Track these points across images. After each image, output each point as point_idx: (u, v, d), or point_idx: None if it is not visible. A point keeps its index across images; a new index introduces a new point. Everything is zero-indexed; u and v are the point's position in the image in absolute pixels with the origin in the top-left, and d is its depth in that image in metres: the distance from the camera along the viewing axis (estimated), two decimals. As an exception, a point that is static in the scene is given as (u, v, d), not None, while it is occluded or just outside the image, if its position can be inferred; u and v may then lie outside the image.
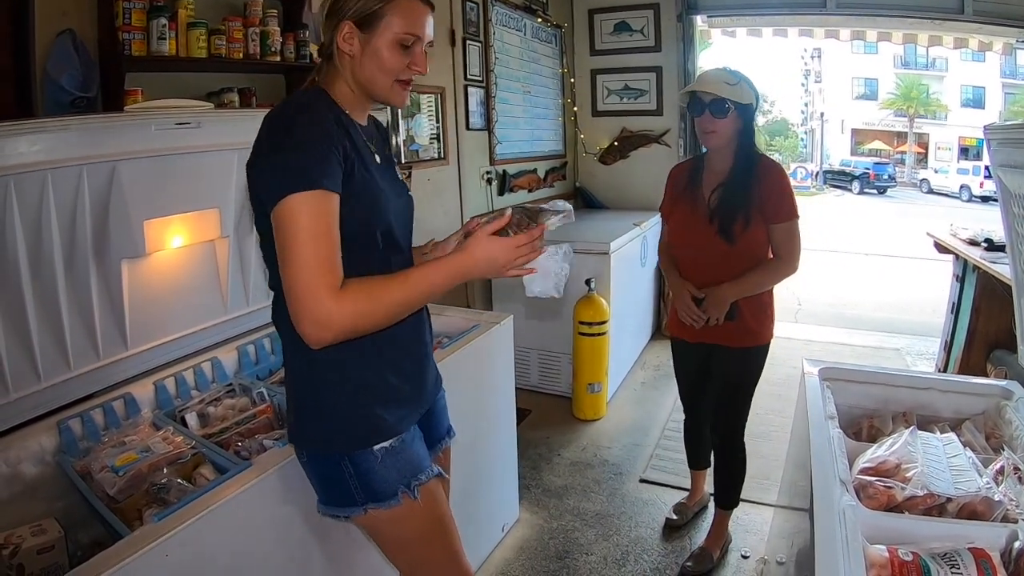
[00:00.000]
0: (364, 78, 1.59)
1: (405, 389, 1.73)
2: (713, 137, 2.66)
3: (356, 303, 1.39)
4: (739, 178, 2.69)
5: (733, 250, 2.69)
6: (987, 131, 2.34)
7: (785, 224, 2.70)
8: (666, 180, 3.07)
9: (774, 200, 2.68)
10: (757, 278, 2.75)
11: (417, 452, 1.74)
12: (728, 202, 2.69)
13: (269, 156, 1.44)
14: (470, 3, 5.01)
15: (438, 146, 4.70)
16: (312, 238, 1.37)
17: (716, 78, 2.64)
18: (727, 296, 2.73)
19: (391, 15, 1.53)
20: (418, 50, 1.60)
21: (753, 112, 2.70)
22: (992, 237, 4.21)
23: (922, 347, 6.27)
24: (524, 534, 3.38)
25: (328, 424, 1.64)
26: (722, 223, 2.68)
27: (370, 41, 1.54)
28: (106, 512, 1.78)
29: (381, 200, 1.59)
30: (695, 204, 2.81)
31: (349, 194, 1.48)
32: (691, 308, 2.81)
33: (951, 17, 5.70)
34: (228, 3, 2.86)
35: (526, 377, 5.13)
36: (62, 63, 2.26)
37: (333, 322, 1.37)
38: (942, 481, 1.71)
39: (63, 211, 1.99)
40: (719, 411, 3.07)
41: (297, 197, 1.37)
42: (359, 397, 1.64)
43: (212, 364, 2.60)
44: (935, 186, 29.41)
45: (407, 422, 1.73)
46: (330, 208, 1.41)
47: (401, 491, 1.67)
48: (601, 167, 7.01)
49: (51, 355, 2.10)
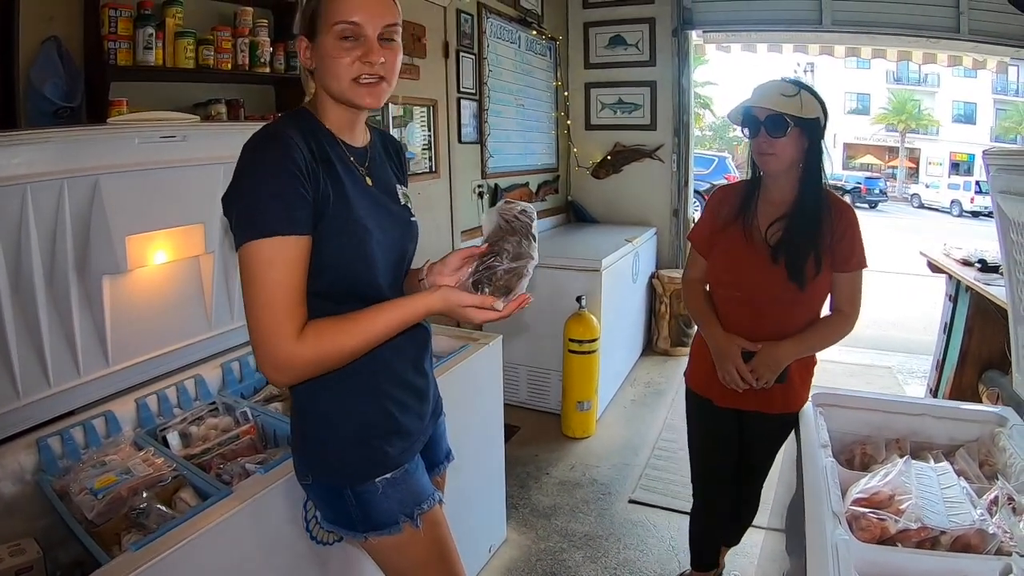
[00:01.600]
0: (325, 85, 1.52)
1: (406, 421, 1.70)
2: (772, 160, 2.25)
3: (315, 348, 1.38)
4: (807, 212, 2.28)
5: (799, 298, 2.29)
6: (986, 157, 2.32)
7: (854, 274, 2.32)
8: (703, 206, 2.63)
9: (847, 243, 2.28)
10: (821, 336, 2.37)
11: (419, 481, 1.73)
12: (795, 240, 2.27)
13: (232, 198, 1.41)
14: (464, 15, 4.99)
15: (430, 159, 4.66)
16: (270, 285, 1.35)
17: (772, 90, 2.23)
18: (786, 356, 2.32)
19: (325, 7, 1.45)
20: (367, 43, 1.47)
21: (821, 129, 2.28)
22: (986, 258, 4.18)
23: (914, 365, 6.26)
24: (511, 555, 3.34)
25: (331, 456, 1.63)
26: (790, 264, 2.26)
27: (318, 48, 1.49)
28: (84, 536, 1.74)
29: (359, 232, 1.53)
30: (748, 239, 2.37)
31: (324, 227, 1.45)
32: (741, 368, 2.34)
33: (947, 35, 5.72)
34: (217, 12, 2.81)
35: (515, 393, 5.10)
36: (46, 71, 2.21)
37: (293, 366, 1.38)
38: (936, 513, 1.70)
39: (43, 226, 1.94)
40: (744, 477, 2.71)
41: (253, 245, 1.35)
42: (361, 431, 1.63)
43: (195, 381, 2.55)
44: (926, 201, 29.51)
45: (409, 453, 1.71)
46: (288, 253, 1.37)
47: (403, 520, 1.65)
48: (593, 181, 7.02)
49: (31, 372, 2.05)
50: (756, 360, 2.33)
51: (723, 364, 2.39)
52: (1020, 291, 2.28)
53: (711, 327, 2.48)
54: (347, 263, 1.52)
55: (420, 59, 4.40)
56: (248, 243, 1.35)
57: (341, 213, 1.49)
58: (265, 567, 1.83)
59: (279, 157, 1.39)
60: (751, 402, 2.45)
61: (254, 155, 1.41)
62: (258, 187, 1.37)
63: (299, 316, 1.38)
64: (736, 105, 2.36)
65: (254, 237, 1.35)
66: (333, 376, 1.51)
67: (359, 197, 1.56)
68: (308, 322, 1.40)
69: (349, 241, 1.51)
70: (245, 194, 1.38)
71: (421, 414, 1.78)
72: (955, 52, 6.18)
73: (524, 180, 6.13)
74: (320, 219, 1.44)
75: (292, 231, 1.37)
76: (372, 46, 1.47)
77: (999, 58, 6.12)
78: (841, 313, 2.36)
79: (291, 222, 1.37)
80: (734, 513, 2.81)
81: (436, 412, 1.93)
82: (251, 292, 1.36)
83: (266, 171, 1.38)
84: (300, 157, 1.41)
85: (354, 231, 1.51)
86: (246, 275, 1.36)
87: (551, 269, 4.86)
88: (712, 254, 2.50)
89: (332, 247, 1.47)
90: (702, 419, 2.67)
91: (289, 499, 1.83)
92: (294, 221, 1.37)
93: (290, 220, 1.37)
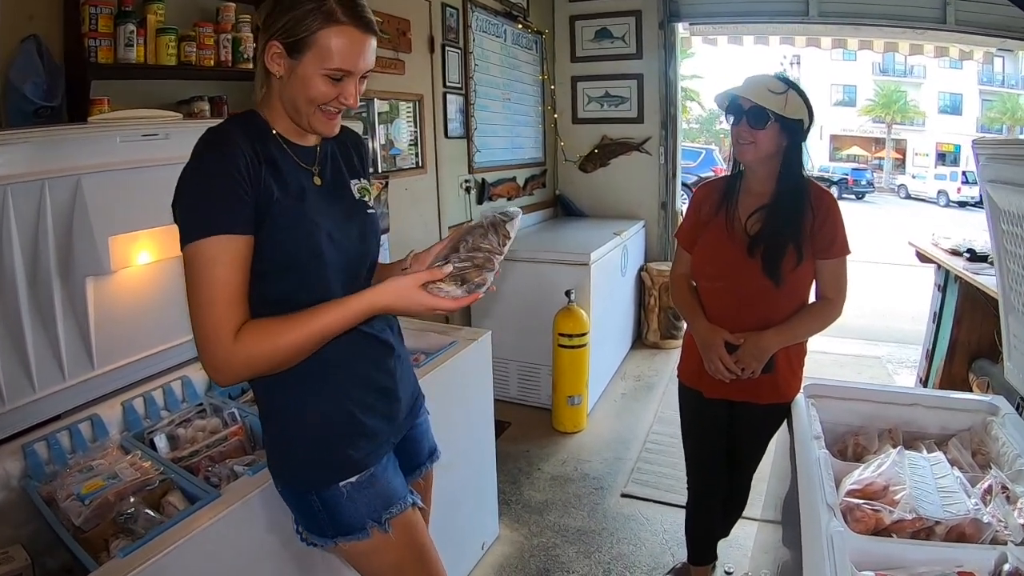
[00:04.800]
0: (287, 101, 1.52)
1: (371, 424, 1.69)
2: (750, 149, 2.28)
3: (252, 346, 1.38)
4: (784, 201, 2.31)
5: (779, 288, 2.31)
6: (976, 146, 2.32)
7: (837, 260, 2.34)
8: (688, 202, 2.65)
9: (827, 231, 2.30)
10: (806, 324, 2.39)
11: (389, 483, 1.71)
12: (773, 230, 2.30)
13: (176, 201, 1.44)
14: (450, 9, 4.97)
15: (416, 155, 4.64)
16: (211, 283, 1.37)
17: (759, 83, 2.25)
18: (770, 345, 2.34)
19: (322, 44, 1.43)
20: (350, 82, 1.50)
21: (803, 131, 2.31)
22: (975, 247, 4.18)
23: (903, 355, 6.30)
24: (504, 552, 3.33)
25: (293, 460, 1.64)
26: (766, 258, 2.29)
27: (296, 68, 1.46)
28: (72, 543, 1.72)
29: (306, 226, 1.53)
30: (730, 230, 2.41)
31: (270, 226, 1.46)
32: (725, 359, 2.36)
33: (933, 27, 5.74)
34: (199, 8, 2.78)
35: (505, 389, 5.10)
36: (26, 70, 2.18)
37: (231, 365, 1.38)
38: (930, 504, 1.70)
39: (24, 227, 1.91)
40: (734, 467, 2.71)
41: (193, 247, 1.37)
42: (323, 434, 1.62)
43: (182, 383, 2.52)
44: (913, 191, 29.67)
45: (375, 456, 1.69)
46: (227, 254, 1.38)
47: (371, 525, 1.64)
48: (581, 175, 7.01)
49: (14, 376, 2.02)
50: (742, 350, 2.35)
51: (708, 355, 2.42)
52: (1011, 280, 2.29)
53: (696, 319, 2.51)
54: (296, 260, 1.52)
55: (405, 54, 4.37)
56: (191, 243, 1.37)
57: (287, 211, 1.49)
58: (255, 570, 1.82)
59: (218, 159, 1.41)
60: (740, 392, 2.46)
61: (196, 160, 1.43)
62: (198, 189, 1.40)
63: (239, 315, 1.40)
64: (724, 90, 2.37)
65: (197, 237, 1.37)
66: (290, 376, 1.52)
67: (307, 195, 1.56)
68: (246, 322, 1.40)
69: (296, 236, 1.51)
70: (187, 196, 1.41)
71: (389, 415, 1.76)
72: (942, 43, 6.20)
73: (511, 174, 6.11)
74: (265, 219, 1.45)
75: (232, 230, 1.39)
76: (353, 88, 1.51)
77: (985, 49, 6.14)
78: (826, 300, 2.39)
79: (231, 223, 1.39)
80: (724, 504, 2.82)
81: (414, 411, 1.92)
82: (194, 291, 1.38)
83: (206, 174, 1.41)
84: (241, 158, 1.42)
85: (301, 226, 1.52)
86: (190, 275, 1.38)
87: (539, 263, 4.87)
88: (695, 247, 2.54)
89: (280, 245, 1.48)
90: (692, 411, 2.69)
91: (279, 501, 1.80)
92: (234, 221, 1.39)
93: (231, 220, 1.39)
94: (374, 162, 4.08)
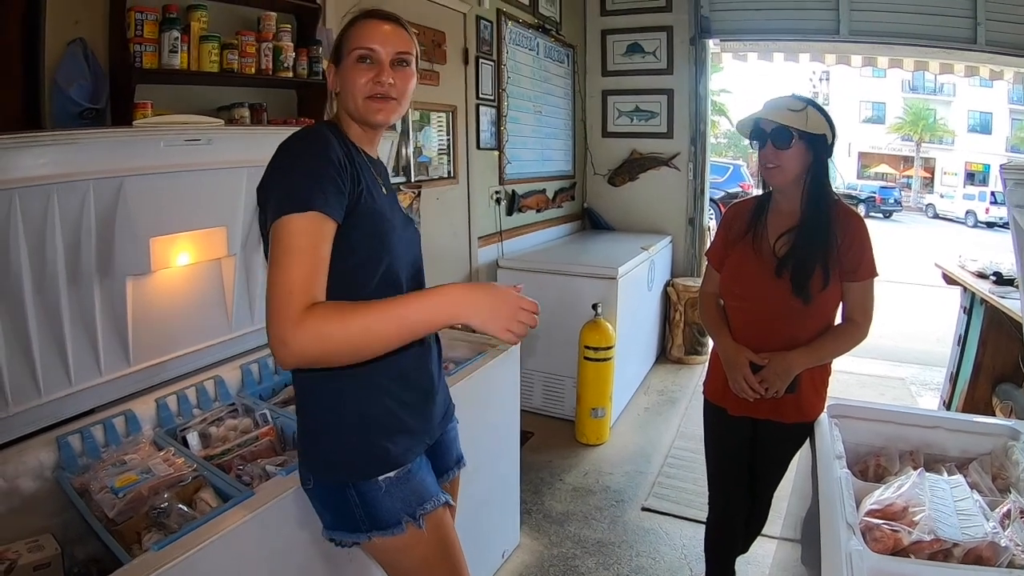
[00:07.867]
0: (345, 104, 1.66)
1: (410, 420, 1.72)
2: (776, 173, 2.29)
3: (320, 322, 1.33)
4: (812, 223, 2.30)
5: (807, 309, 2.31)
6: (1004, 170, 2.32)
7: (864, 283, 2.33)
8: (719, 221, 2.63)
9: (855, 253, 2.29)
10: (831, 347, 2.37)
11: (423, 481, 1.74)
12: (801, 252, 2.30)
13: (271, 179, 1.49)
14: (484, 22, 5.01)
15: (448, 164, 4.68)
16: (296, 253, 1.38)
17: (779, 105, 2.27)
18: (795, 366, 2.32)
19: (348, 37, 1.63)
20: (380, 66, 1.62)
21: (827, 146, 2.30)
22: (1001, 270, 4.14)
23: (927, 377, 6.23)
24: (524, 560, 3.34)
25: (333, 454, 1.65)
26: (795, 278, 2.28)
27: (341, 72, 1.65)
28: (104, 534, 1.75)
29: (386, 230, 1.62)
30: (758, 251, 2.42)
31: (355, 223, 1.52)
32: (749, 378, 2.35)
33: (964, 47, 5.69)
34: (241, 17, 2.83)
35: (530, 399, 5.09)
36: (72, 73, 2.23)
37: (296, 339, 1.32)
38: (949, 526, 1.70)
39: (68, 226, 1.96)
40: (756, 485, 2.70)
41: (287, 219, 1.39)
42: (363, 427, 1.65)
43: (215, 382, 2.56)
44: (941, 211, 29.37)
45: (412, 453, 1.72)
46: (319, 232, 1.42)
47: (406, 520, 1.66)
48: (609, 188, 7.02)
49: (52, 370, 2.07)
50: (766, 369, 2.34)
51: (732, 374, 2.42)
52: (1035, 305, 2.28)
53: (721, 337, 2.52)
54: (373, 252, 1.59)
55: (440, 65, 4.42)
56: (286, 215, 1.39)
57: (369, 208, 1.56)
58: (285, 569, 1.85)
59: (320, 146, 1.50)
60: (764, 411, 2.45)
61: (295, 143, 1.51)
62: (299, 168, 1.46)
63: (314, 291, 1.38)
64: (746, 116, 2.39)
65: (291, 211, 1.39)
66: (332, 370, 1.53)
67: (381, 198, 1.65)
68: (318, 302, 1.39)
69: (376, 232, 1.59)
70: (286, 174, 1.47)
71: (427, 415, 1.79)
72: (972, 63, 6.15)
73: (541, 186, 6.14)
74: (351, 211, 1.50)
75: (327, 211, 1.42)
76: (384, 68, 1.62)
77: (1016, 69, 6.09)
78: (853, 323, 2.37)
79: (327, 204, 1.43)
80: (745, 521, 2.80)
81: (447, 416, 1.95)
82: (276, 263, 1.38)
83: (307, 155, 1.48)
84: (335, 153, 1.50)
85: (380, 223, 1.60)
86: (276, 248, 1.39)
87: (567, 276, 4.88)
88: (724, 267, 2.55)
89: (360, 235, 1.54)
90: (717, 427, 2.67)
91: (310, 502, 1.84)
92: (329, 203, 1.44)
93: (326, 201, 1.43)
94: (407, 170, 4.14)
